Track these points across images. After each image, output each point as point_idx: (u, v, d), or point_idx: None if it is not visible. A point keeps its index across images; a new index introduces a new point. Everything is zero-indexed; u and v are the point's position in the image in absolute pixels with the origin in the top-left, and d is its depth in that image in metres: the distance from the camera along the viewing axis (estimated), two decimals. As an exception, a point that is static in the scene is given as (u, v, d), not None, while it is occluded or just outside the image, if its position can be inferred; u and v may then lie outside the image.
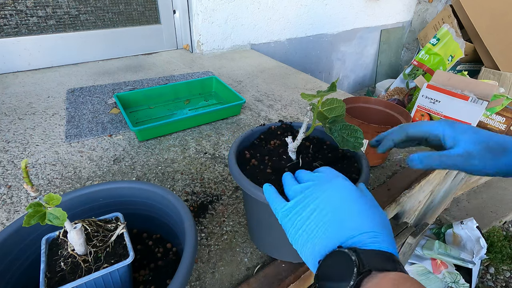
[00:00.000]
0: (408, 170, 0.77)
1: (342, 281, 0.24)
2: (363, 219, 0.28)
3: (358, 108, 0.79)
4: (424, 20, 2.58)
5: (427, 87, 1.00)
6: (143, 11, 1.36)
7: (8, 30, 1.10)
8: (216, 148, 0.79)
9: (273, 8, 1.64)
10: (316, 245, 0.28)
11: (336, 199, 0.30)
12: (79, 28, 1.23)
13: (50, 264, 0.35)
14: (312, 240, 0.28)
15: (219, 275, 0.49)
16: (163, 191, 0.43)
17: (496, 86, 0.93)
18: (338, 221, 0.28)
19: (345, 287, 0.24)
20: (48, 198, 0.31)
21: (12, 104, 0.93)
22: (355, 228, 0.27)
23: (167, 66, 1.31)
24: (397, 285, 0.23)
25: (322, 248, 0.28)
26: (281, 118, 0.96)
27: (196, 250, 0.36)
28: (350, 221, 0.28)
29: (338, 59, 2.28)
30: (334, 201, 0.30)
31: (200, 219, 0.58)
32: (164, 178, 0.68)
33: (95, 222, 0.39)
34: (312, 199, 0.31)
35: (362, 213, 0.28)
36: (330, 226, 0.28)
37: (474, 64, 1.99)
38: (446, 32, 1.35)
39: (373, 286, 0.23)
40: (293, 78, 1.29)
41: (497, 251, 1.33)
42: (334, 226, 0.28)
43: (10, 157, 0.71)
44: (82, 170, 0.69)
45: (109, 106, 0.96)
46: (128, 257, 0.35)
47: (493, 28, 1.71)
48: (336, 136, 0.41)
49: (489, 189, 1.56)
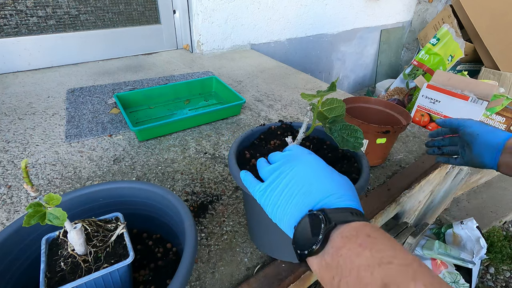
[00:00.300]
0: (408, 170, 0.77)
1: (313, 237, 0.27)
2: (329, 184, 0.31)
3: (358, 108, 0.79)
4: (424, 20, 2.58)
5: (427, 87, 1.00)
6: (143, 11, 1.36)
7: (8, 30, 1.10)
8: (216, 148, 0.79)
9: (273, 8, 1.64)
10: (292, 215, 0.31)
11: (304, 171, 0.33)
12: (79, 28, 1.23)
13: (50, 264, 0.35)
14: (288, 211, 0.31)
15: (219, 275, 0.49)
16: (163, 191, 0.43)
17: (496, 86, 0.93)
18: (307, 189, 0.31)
19: (315, 241, 0.27)
20: (48, 198, 0.31)
21: (12, 104, 0.93)
22: (322, 192, 0.30)
23: (167, 66, 1.31)
24: (356, 230, 0.26)
25: (297, 215, 0.30)
26: (281, 118, 0.96)
27: (196, 250, 0.36)
28: (317, 188, 0.31)
29: (338, 59, 2.28)
30: (303, 173, 0.33)
31: (200, 219, 0.58)
32: (164, 178, 0.68)
33: (95, 222, 0.39)
34: (284, 176, 0.33)
35: (328, 179, 0.32)
36: (301, 195, 0.31)
37: (474, 64, 1.99)
38: (446, 32, 1.35)
39: (337, 236, 0.26)
40: (293, 78, 1.29)
41: (497, 251, 1.33)
42: (305, 194, 0.31)
43: (10, 157, 0.71)
44: (82, 170, 0.69)
45: (109, 106, 0.96)
46: (128, 257, 0.35)
47: (493, 28, 1.71)
48: (336, 136, 0.41)
49: (489, 189, 1.56)
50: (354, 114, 0.75)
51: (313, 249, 0.27)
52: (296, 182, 0.32)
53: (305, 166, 0.33)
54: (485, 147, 0.52)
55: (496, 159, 0.50)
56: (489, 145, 0.51)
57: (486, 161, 0.52)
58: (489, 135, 0.52)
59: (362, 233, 0.26)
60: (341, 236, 0.26)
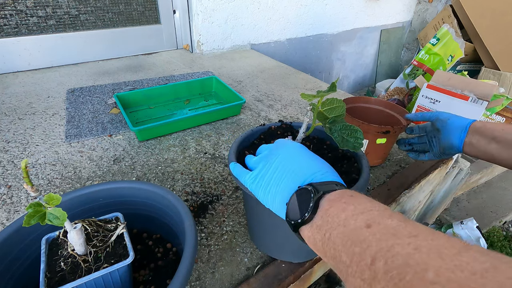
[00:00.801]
0: (408, 170, 0.77)
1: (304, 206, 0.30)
2: (314, 163, 0.35)
3: (359, 108, 0.79)
4: (424, 20, 2.58)
5: (427, 87, 1.00)
6: (143, 11, 1.36)
7: (8, 30, 1.10)
8: (216, 148, 0.79)
9: (273, 8, 1.64)
10: (283, 194, 0.34)
11: (291, 154, 0.36)
12: (79, 28, 1.23)
13: (50, 264, 0.35)
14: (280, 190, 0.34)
15: (219, 275, 0.49)
16: (163, 191, 0.43)
17: (496, 86, 0.92)
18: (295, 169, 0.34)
19: (307, 210, 0.30)
20: (48, 198, 0.31)
21: (12, 104, 0.93)
22: (309, 170, 0.34)
23: (167, 66, 1.31)
24: (340, 194, 0.30)
25: (288, 193, 0.33)
26: (281, 118, 0.96)
27: (196, 250, 0.36)
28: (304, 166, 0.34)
29: (338, 59, 2.28)
30: (289, 156, 0.36)
31: (200, 219, 0.58)
32: (164, 178, 0.68)
33: (95, 222, 0.39)
34: (272, 161, 0.37)
35: (312, 160, 0.35)
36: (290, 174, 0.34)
37: (474, 64, 1.99)
38: (446, 32, 1.35)
39: (324, 201, 0.30)
40: (293, 78, 1.29)
41: (497, 251, 1.33)
42: (294, 173, 0.34)
43: (10, 157, 0.71)
44: (82, 170, 0.69)
45: (109, 106, 0.96)
46: (128, 257, 0.35)
47: (493, 28, 1.71)
48: (336, 136, 0.41)
49: (489, 189, 1.56)
50: (355, 114, 0.75)
51: (305, 216, 0.30)
52: (284, 164, 0.35)
53: (291, 150, 0.37)
54: (453, 128, 0.57)
55: (462, 139, 0.55)
56: (457, 126, 0.57)
57: (453, 141, 0.57)
58: (458, 119, 0.58)
59: (345, 194, 0.30)
60: (328, 200, 0.30)
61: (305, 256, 0.51)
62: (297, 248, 0.48)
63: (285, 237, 0.46)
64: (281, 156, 0.36)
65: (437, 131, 0.61)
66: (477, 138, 0.53)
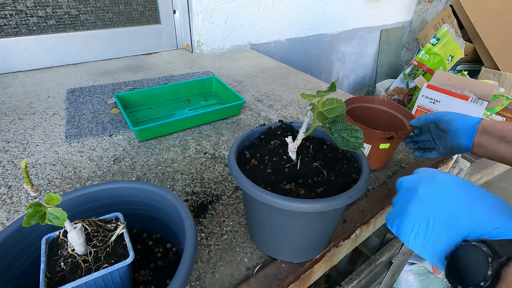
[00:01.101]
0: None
1: (476, 273, 0.24)
2: (480, 207, 0.28)
3: (361, 108, 0.78)
4: (424, 20, 2.58)
5: (427, 87, 1.00)
6: (143, 11, 1.36)
7: (8, 30, 1.10)
8: (216, 148, 0.79)
9: (273, 8, 1.64)
10: (437, 244, 0.28)
11: (444, 193, 0.30)
12: (79, 28, 1.23)
13: (50, 264, 0.35)
14: (431, 240, 0.29)
15: (219, 275, 0.49)
16: (163, 191, 0.43)
17: (496, 86, 0.93)
18: (453, 215, 0.28)
19: (483, 278, 0.24)
20: (48, 198, 0.31)
21: (12, 104, 0.93)
22: (475, 218, 0.27)
23: (167, 66, 1.31)
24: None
25: (445, 245, 0.28)
26: (281, 118, 0.96)
27: (196, 250, 0.36)
28: (466, 213, 0.27)
29: (338, 59, 2.28)
30: (443, 199, 0.30)
31: (200, 219, 0.58)
32: (164, 178, 0.68)
33: (95, 222, 0.39)
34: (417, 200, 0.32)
35: (477, 204, 0.28)
36: (444, 222, 0.28)
37: (474, 64, 1.99)
38: (446, 32, 1.35)
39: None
40: (293, 78, 1.29)
41: None
42: (449, 222, 0.28)
43: (10, 157, 0.71)
44: (82, 170, 0.69)
45: (109, 106, 0.96)
46: (128, 257, 0.35)
47: (493, 28, 1.71)
48: (336, 137, 0.41)
49: (489, 189, 1.56)
50: (357, 114, 0.74)
51: (481, 286, 0.24)
52: (432, 208, 0.29)
53: (443, 187, 0.31)
54: (461, 128, 0.54)
55: (471, 139, 0.52)
56: (465, 126, 0.54)
57: (462, 142, 0.54)
58: (464, 118, 0.55)
59: None
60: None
61: (305, 256, 0.51)
62: (297, 248, 0.48)
63: (285, 237, 0.46)
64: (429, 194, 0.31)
65: (443, 132, 0.59)
66: (486, 138, 0.51)
